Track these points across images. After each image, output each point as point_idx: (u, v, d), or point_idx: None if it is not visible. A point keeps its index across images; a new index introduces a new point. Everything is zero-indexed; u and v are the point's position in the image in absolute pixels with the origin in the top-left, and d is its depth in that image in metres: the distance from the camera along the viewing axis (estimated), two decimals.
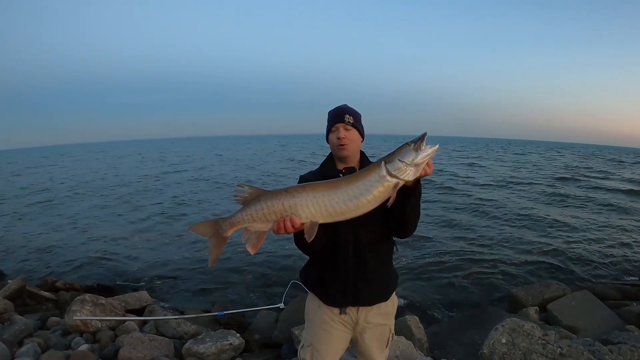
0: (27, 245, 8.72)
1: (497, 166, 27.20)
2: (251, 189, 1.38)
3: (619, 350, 2.83)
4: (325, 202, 1.31)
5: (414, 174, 1.26)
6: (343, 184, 1.31)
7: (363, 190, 1.29)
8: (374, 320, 1.65)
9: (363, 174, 1.31)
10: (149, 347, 3.17)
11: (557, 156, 42.53)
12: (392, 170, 1.26)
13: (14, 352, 3.14)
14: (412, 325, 3.59)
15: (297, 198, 1.32)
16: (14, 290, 4.85)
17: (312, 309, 1.71)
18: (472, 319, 4.40)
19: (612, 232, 9.32)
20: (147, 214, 11.77)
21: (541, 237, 8.66)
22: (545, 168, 25.94)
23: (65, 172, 27.82)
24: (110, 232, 9.62)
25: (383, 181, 1.27)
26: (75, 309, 3.69)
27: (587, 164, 31.32)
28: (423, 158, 1.25)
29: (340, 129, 1.58)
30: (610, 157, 42.20)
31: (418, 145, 1.25)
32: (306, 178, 1.64)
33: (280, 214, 1.33)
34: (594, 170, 25.02)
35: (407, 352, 2.99)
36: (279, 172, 22.46)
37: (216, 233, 1.41)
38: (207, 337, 3.35)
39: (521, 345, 2.75)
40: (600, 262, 7.12)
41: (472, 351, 3.40)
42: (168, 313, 4.47)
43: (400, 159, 1.26)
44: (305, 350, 1.71)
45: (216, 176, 21.17)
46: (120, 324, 3.81)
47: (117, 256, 7.75)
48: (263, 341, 3.89)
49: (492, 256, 7.36)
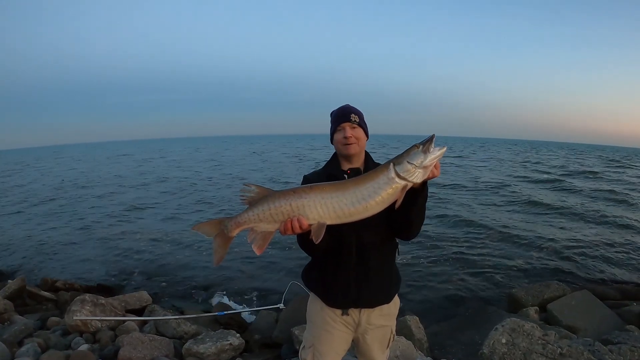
0: (27, 245, 8.71)
1: (497, 165, 27.20)
2: (258, 189, 1.37)
3: (619, 350, 2.83)
4: (334, 203, 1.30)
5: (422, 176, 1.26)
6: (351, 186, 1.31)
7: (372, 192, 1.28)
8: (376, 321, 1.65)
9: (371, 175, 1.31)
10: (149, 347, 3.17)
11: (557, 156, 42.55)
12: (401, 172, 1.26)
13: (14, 352, 3.14)
14: (412, 325, 3.59)
15: (305, 199, 1.31)
16: (14, 290, 4.85)
17: (314, 309, 1.71)
18: (472, 319, 4.40)
19: (612, 232, 9.32)
20: (147, 214, 11.77)
21: (541, 237, 8.65)
22: (545, 168, 25.95)
23: (65, 171, 27.80)
24: (111, 232, 9.61)
25: (392, 183, 1.27)
26: (75, 309, 3.69)
27: (586, 163, 31.33)
28: (431, 160, 1.24)
29: (347, 128, 1.58)
30: (611, 158, 42.24)
31: (427, 148, 1.25)
32: (310, 179, 1.63)
33: (287, 214, 1.32)
34: (593, 170, 25.04)
35: (407, 352, 2.99)
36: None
37: (221, 233, 1.40)
38: (207, 337, 3.35)
39: (521, 345, 2.75)
40: (600, 262, 7.12)
41: (472, 351, 3.40)
42: (168, 313, 4.47)
43: (409, 161, 1.25)
44: (306, 351, 1.71)
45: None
46: (120, 324, 3.81)
47: (117, 256, 7.75)
48: (263, 341, 3.89)
49: (492, 256, 7.36)
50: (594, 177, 20.52)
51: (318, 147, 54.09)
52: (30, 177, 25.20)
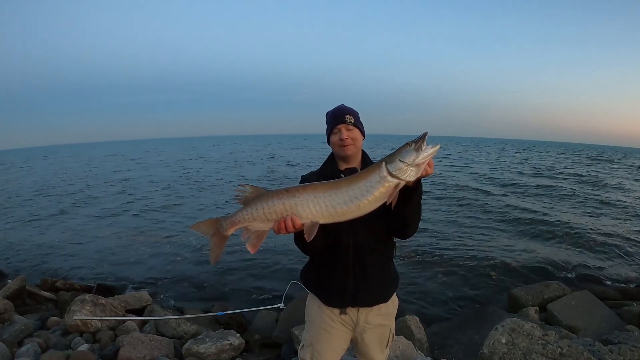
0: (27, 245, 8.71)
1: (496, 165, 27.20)
2: (252, 189, 1.38)
3: (619, 350, 2.83)
4: (326, 202, 1.31)
5: (415, 174, 1.26)
6: (344, 185, 1.31)
7: (364, 190, 1.28)
8: (374, 321, 1.65)
9: (364, 174, 1.31)
10: (149, 347, 3.17)
11: (557, 155, 42.54)
12: (393, 171, 1.25)
13: (14, 352, 3.14)
14: (412, 325, 3.59)
15: (297, 198, 1.32)
16: (14, 290, 4.85)
17: (313, 309, 1.71)
18: (472, 319, 4.39)
19: (612, 232, 9.31)
20: (147, 214, 11.77)
21: (541, 237, 8.66)
22: (545, 167, 25.94)
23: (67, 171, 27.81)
24: (111, 232, 9.62)
25: (384, 182, 1.27)
26: (75, 309, 3.70)
27: (585, 162, 31.31)
28: (424, 158, 1.24)
29: (342, 129, 1.58)
30: (611, 158, 42.23)
31: (419, 145, 1.24)
32: (307, 179, 1.64)
33: (280, 213, 1.33)
34: (593, 170, 25.03)
35: (407, 352, 2.99)
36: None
37: (217, 232, 1.42)
38: (207, 337, 3.35)
39: (521, 345, 2.75)
40: (600, 262, 7.12)
41: (472, 351, 3.40)
42: (168, 313, 4.47)
43: (401, 159, 1.25)
44: (305, 351, 1.71)
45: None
46: (120, 324, 3.82)
47: (117, 256, 7.74)
48: (263, 341, 3.89)
49: (492, 256, 7.35)
50: (597, 177, 20.54)
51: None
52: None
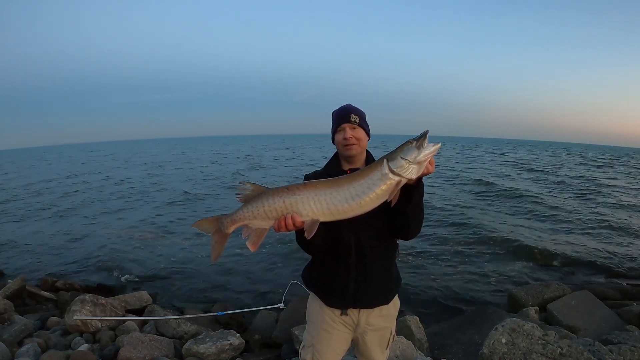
0: (27, 246, 8.70)
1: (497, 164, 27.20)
2: (253, 186, 1.38)
3: (619, 350, 2.83)
4: (327, 200, 1.30)
5: (416, 171, 1.25)
6: (345, 182, 1.31)
7: (365, 188, 1.28)
8: (375, 322, 1.65)
9: (365, 172, 1.30)
10: (149, 347, 3.17)
11: (555, 155, 42.53)
12: (395, 168, 1.25)
13: (14, 352, 3.14)
14: (412, 325, 3.59)
15: (298, 196, 1.31)
16: (14, 290, 4.85)
17: (314, 309, 1.71)
18: (472, 319, 4.39)
19: (612, 232, 9.31)
20: (147, 214, 11.77)
21: (541, 237, 8.65)
22: (546, 167, 25.94)
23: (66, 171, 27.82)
24: (111, 232, 9.61)
25: (385, 179, 1.26)
26: (75, 309, 3.70)
27: (583, 163, 31.31)
28: (425, 156, 1.24)
29: (347, 129, 1.58)
30: (611, 158, 42.25)
31: (420, 143, 1.24)
32: (311, 178, 1.63)
33: (281, 211, 1.32)
34: (592, 170, 25.03)
35: (407, 352, 2.99)
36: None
37: (218, 230, 1.41)
38: (207, 337, 3.35)
39: (521, 345, 2.75)
40: (600, 262, 7.11)
41: (472, 351, 3.40)
42: (168, 313, 4.47)
43: (403, 157, 1.25)
44: (306, 351, 1.71)
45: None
46: (120, 324, 3.82)
47: (117, 256, 7.73)
48: (263, 341, 3.89)
49: (492, 256, 7.36)
50: (597, 177, 20.54)
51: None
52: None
